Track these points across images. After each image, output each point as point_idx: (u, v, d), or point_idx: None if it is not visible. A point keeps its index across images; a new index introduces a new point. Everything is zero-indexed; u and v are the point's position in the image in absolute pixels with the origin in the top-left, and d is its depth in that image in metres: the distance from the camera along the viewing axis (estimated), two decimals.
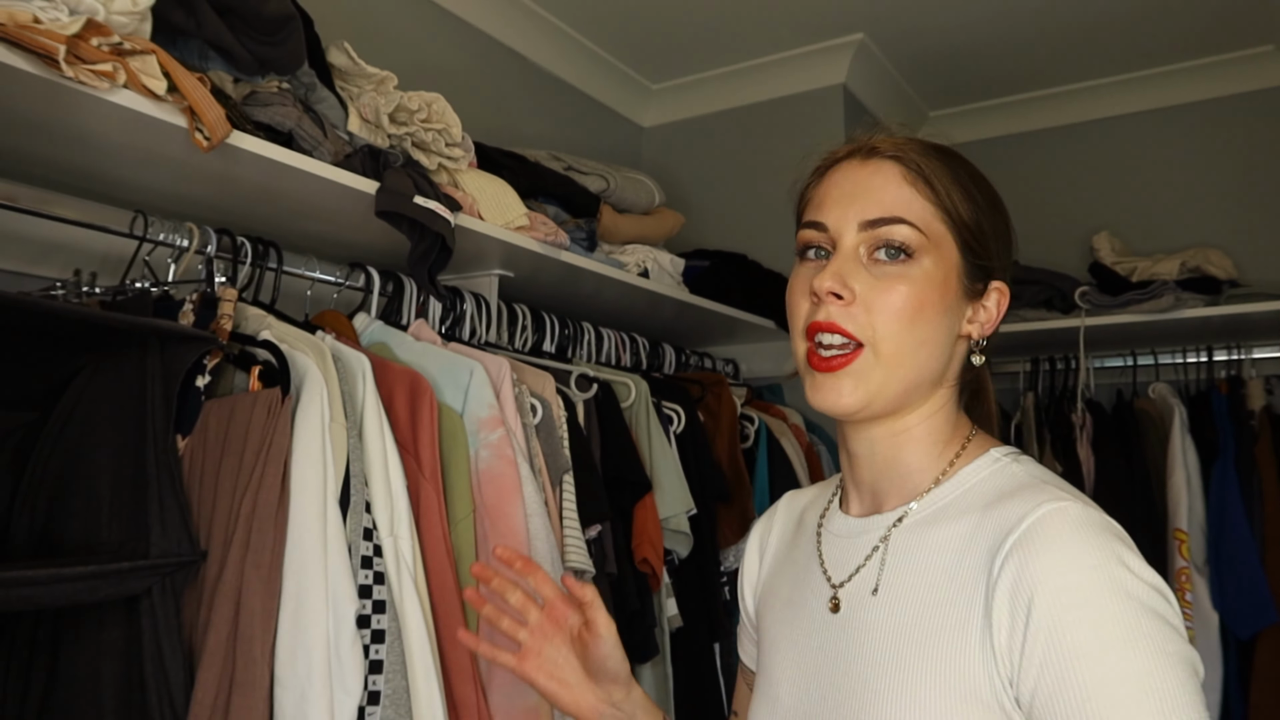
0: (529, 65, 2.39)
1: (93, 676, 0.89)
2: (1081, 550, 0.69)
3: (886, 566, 0.81)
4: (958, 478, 0.81)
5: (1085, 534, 0.70)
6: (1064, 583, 0.68)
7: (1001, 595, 0.70)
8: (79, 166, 1.13)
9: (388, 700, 0.98)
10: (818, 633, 0.84)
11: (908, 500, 0.83)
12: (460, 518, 1.16)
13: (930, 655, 0.73)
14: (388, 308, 1.42)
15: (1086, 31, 2.42)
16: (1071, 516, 0.71)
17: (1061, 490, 0.75)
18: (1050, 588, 0.68)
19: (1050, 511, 0.71)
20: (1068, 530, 0.70)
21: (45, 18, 0.89)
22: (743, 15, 2.35)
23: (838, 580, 0.85)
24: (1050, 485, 0.76)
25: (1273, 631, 2.00)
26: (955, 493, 0.81)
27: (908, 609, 0.77)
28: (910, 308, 0.78)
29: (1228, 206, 2.59)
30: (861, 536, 0.85)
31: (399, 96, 1.35)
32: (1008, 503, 0.75)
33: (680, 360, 2.16)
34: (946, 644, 0.73)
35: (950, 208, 0.81)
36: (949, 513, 0.79)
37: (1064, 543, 0.69)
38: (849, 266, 0.79)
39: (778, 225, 2.61)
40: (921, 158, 0.82)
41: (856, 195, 0.81)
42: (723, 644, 1.79)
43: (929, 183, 0.80)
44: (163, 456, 0.94)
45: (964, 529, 0.77)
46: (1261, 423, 2.16)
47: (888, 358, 0.78)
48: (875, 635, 0.78)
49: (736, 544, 1.85)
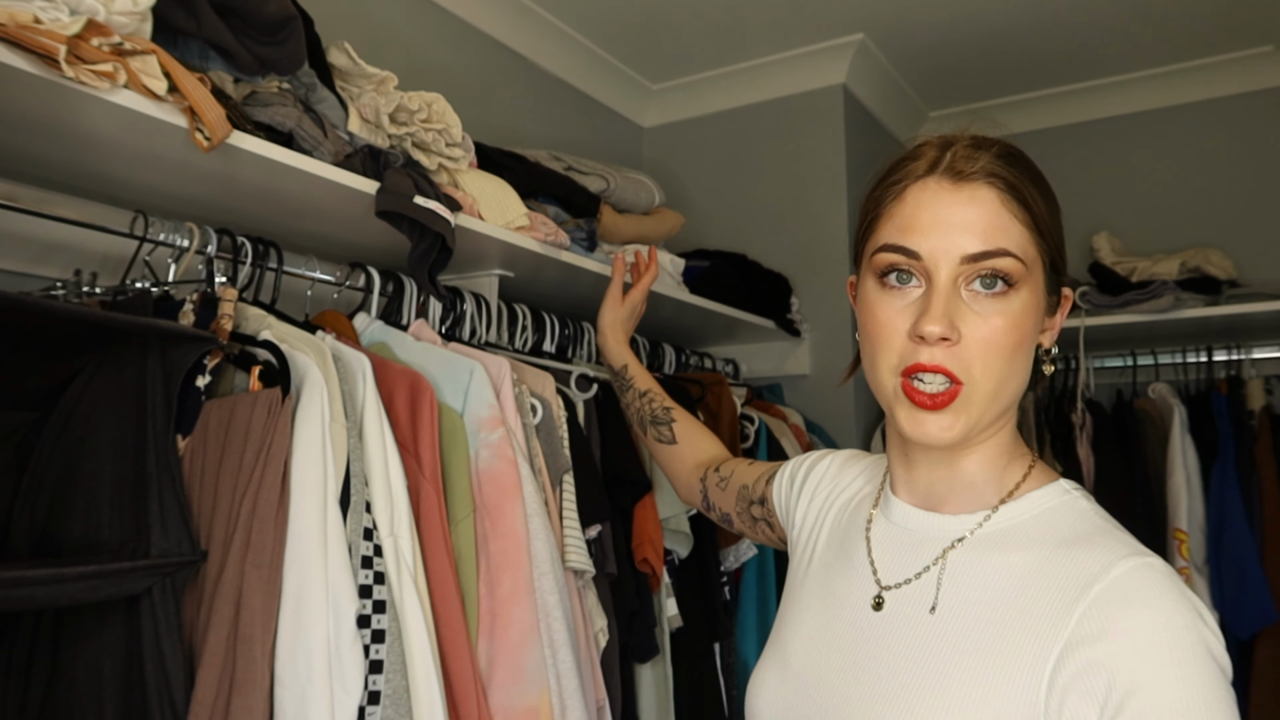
0: (529, 65, 2.39)
1: (93, 677, 0.89)
2: (1174, 610, 0.69)
3: (944, 585, 0.80)
4: (1025, 501, 0.81)
5: (1174, 594, 0.71)
6: (1156, 640, 0.68)
7: (1081, 645, 0.70)
8: (79, 166, 1.13)
9: (388, 700, 0.98)
10: (854, 624, 0.84)
11: (969, 509, 0.83)
12: (460, 518, 1.16)
13: (978, 677, 0.73)
14: (388, 308, 1.42)
15: (1086, 31, 2.42)
16: (1158, 573, 0.72)
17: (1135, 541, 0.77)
18: (1142, 644, 0.68)
19: (1138, 566, 0.72)
20: (1159, 588, 0.71)
21: (46, 18, 0.89)
22: (742, 15, 2.35)
23: (886, 581, 0.84)
24: (1123, 533, 0.77)
25: (1272, 631, 2.00)
26: (1023, 517, 0.81)
27: (964, 630, 0.77)
28: (1010, 344, 0.77)
29: (1228, 206, 2.59)
30: (917, 539, 0.84)
31: (399, 97, 1.35)
32: (1086, 548, 0.75)
33: (680, 360, 2.16)
34: (996, 669, 0.73)
35: (1043, 227, 0.79)
36: (1015, 538, 0.79)
37: (1156, 600, 0.70)
38: (953, 305, 0.77)
39: (778, 225, 2.61)
40: (1013, 175, 0.79)
41: (953, 225, 0.77)
42: (723, 644, 1.79)
43: (1025, 205, 0.78)
44: (163, 456, 0.94)
45: (1033, 560, 0.77)
46: (1261, 423, 2.16)
47: (986, 391, 0.77)
48: (926, 648, 0.78)
49: (736, 544, 1.86)
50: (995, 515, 0.81)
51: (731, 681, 1.79)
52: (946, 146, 0.81)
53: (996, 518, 0.81)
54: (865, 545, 0.89)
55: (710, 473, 1.27)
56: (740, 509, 1.20)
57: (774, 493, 1.12)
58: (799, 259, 2.54)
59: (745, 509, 1.19)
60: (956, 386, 0.77)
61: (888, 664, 0.79)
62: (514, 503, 1.19)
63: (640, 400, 1.45)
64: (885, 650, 0.80)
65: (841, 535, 0.94)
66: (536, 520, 1.21)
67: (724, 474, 1.24)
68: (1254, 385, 2.22)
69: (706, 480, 1.27)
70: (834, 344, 2.49)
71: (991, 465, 0.83)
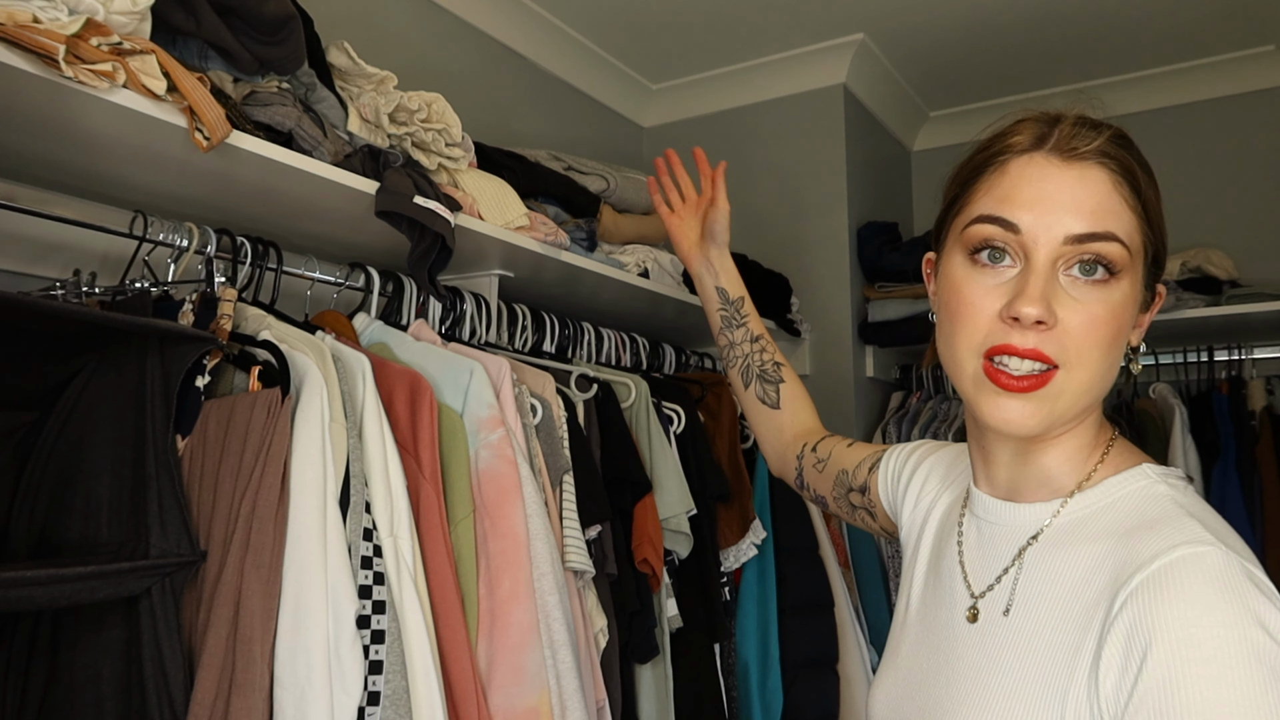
0: (529, 65, 2.39)
1: (92, 677, 0.88)
2: (1214, 603, 0.63)
3: (1019, 584, 0.77)
4: (1102, 488, 0.77)
5: (1221, 586, 0.64)
6: (1188, 636, 0.62)
7: (1117, 636, 0.66)
8: (79, 166, 1.13)
9: (388, 701, 0.98)
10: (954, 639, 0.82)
11: (1048, 498, 0.79)
12: (460, 518, 1.16)
13: (1041, 683, 0.71)
14: (388, 308, 1.42)
15: (1087, 31, 2.42)
16: (1209, 564, 0.65)
17: (1206, 528, 0.69)
18: (1172, 639, 0.63)
19: (1186, 556, 0.66)
20: (1202, 579, 0.64)
21: (45, 17, 0.88)
22: (742, 15, 2.35)
23: (977, 589, 0.82)
24: (1194, 520, 0.70)
25: None
26: (1097, 505, 0.76)
27: (1032, 634, 0.74)
28: (1109, 335, 0.72)
29: (1228, 206, 2.59)
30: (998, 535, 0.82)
31: (399, 96, 1.35)
32: (1145, 535, 0.70)
33: (680, 360, 2.16)
34: (1057, 675, 0.70)
35: (1153, 216, 0.75)
36: (1087, 529, 0.75)
37: (1196, 592, 0.64)
38: (1051, 287, 0.72)
39: (778, 225, 2.61)
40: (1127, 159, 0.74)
41: (1060, 202, 0.72)
42: (723, 644, 1.79)
43: (1137, 191, 0.74)
44: (163, 456, 0.94)
45: (1098, 552, 0.73)
46: (1262, 423, 2.16)
47: (1079, 382, 0.72)
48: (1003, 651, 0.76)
49: (737, 544, 1.85)
50: (1070, 504, 0.77)
51: (731, 681, 1.79)
52: (1054, 123, 0.76)
53: (1072, 505, 0.77)
54: (958, 549, 0.87)
55: (808, 451, 1.18)
56: (838, 494, 1.12)
57: (879, 484, 1.06)
58: (799, 259, 2.54)
59: (844, 494, 1.11)
60: (1051, 371, 0.72)
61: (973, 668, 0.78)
62: (514, 503, 1.19)
63: (751, 346, 1.28)
64: (971, 655, 0.79)
65: (941, 539, 0.92)
66: (536, 521, 1.21)
67: (821, 454, 1.16)
68: (1255, 386, 2.22)
69: (804, 459, 1.18)
70: (834, 344, 2.49)
71: (1071, 459, 0.78)
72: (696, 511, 1.68)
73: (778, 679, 1.81)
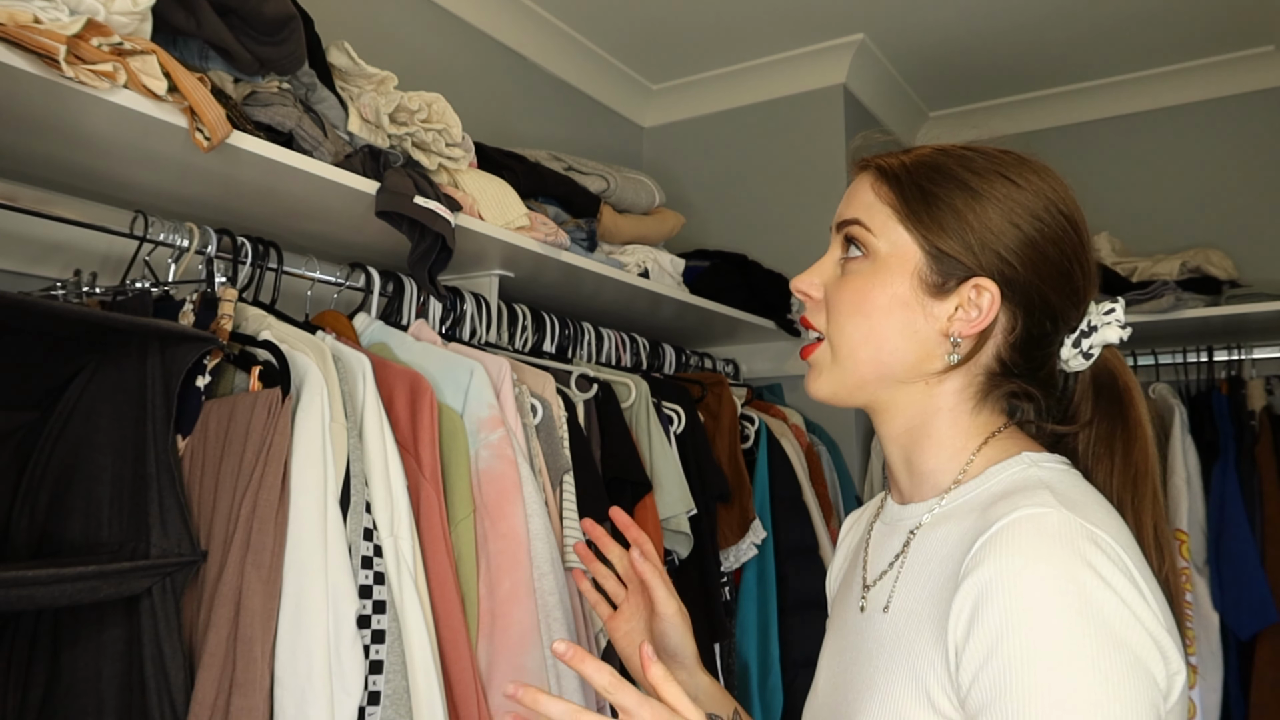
0: (529, 65, 2.39)
1: (93, 677, 0.88)
2: (1043, 553, 0.65)
3: (901, 575, 0.80)
4: (981, 477, 0.79)
5: (1054, 538, 0.66)
6: (1013, 584, 0.65)
7: (961, 598, 0.68)
8: (79, 166, 1.13)
9: (388, 700, 0.98)
10: (848, 632, 0.85)
11: (933, 494, 0.82)
12: (460, 518, 1.16)
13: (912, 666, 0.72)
14: (388, 308, 1.42)
15: (1087, 32, 2.42)
16: (1046, 522, 0.67)
17: (1055, 495, 0.71)
18: (1001, 589, 0.65)
19: (1024, 516, 0.68)
20: (1035, 534, 0.67)
21: (45, 18, 0.89)
22: (742, 15, 2.35)
23: (870, 580, 0.85)
24: (1046, 490, 0.72)
25: (1273, 631, 2.00)
26: (973, 492, 0.78)
27: (907, 617, 0.76)
28: (852, 302, 0.82)
29: (1228, 206, 2.59)
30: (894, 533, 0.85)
31: (399, 96, 1.35)
32: (998, 504, 0.72)
33: (680, 360, 2.16)
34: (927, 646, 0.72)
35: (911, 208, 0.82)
36: (958, 514, 0.77)
37: (1026, 544, 0.66)
38: (830, 267, 0.87)
39: (778, 225, 2.61)
40: (896, 162, 0.85)
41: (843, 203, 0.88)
42: (723, 644, 1.79)
43: (890, 184, 0.84)
44: (163, 456, 0.94)
45: (964, 528, 0.75)
46: (1262, 423, 2.16)
47: (837, 349, 0.83)
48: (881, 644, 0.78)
49: (737, 544, 1.85)
50: (949, 495, 0.80)
51: (731, 681, 1.79)
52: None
53: (951, 496, 0.79)
54: (864, 551, 0.90)
55: None
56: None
57: None
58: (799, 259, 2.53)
59: None
60: (818, 342, 0.86)
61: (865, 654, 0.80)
62: (514, 503, 1.19)
63: None
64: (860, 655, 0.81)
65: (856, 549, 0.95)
66: (537, 520, 1.21)
67: None
68: (1255, 386, 2.22)
69: None
70: None
71: (944, 452, 0.82)
72: (696, 511, 1.68)
73: (778, 678, 1.81)
